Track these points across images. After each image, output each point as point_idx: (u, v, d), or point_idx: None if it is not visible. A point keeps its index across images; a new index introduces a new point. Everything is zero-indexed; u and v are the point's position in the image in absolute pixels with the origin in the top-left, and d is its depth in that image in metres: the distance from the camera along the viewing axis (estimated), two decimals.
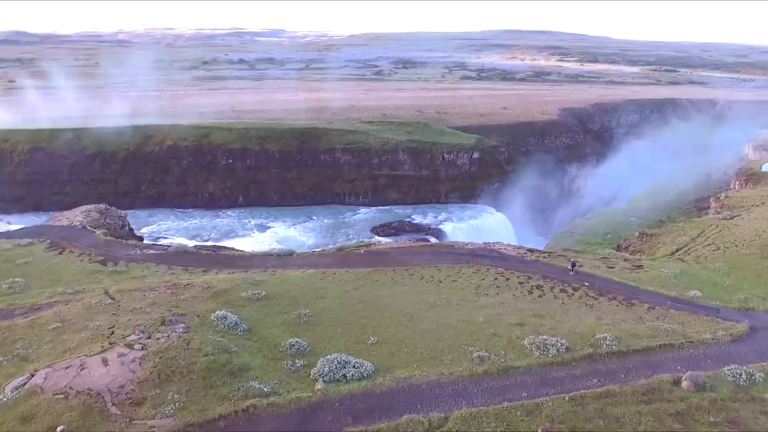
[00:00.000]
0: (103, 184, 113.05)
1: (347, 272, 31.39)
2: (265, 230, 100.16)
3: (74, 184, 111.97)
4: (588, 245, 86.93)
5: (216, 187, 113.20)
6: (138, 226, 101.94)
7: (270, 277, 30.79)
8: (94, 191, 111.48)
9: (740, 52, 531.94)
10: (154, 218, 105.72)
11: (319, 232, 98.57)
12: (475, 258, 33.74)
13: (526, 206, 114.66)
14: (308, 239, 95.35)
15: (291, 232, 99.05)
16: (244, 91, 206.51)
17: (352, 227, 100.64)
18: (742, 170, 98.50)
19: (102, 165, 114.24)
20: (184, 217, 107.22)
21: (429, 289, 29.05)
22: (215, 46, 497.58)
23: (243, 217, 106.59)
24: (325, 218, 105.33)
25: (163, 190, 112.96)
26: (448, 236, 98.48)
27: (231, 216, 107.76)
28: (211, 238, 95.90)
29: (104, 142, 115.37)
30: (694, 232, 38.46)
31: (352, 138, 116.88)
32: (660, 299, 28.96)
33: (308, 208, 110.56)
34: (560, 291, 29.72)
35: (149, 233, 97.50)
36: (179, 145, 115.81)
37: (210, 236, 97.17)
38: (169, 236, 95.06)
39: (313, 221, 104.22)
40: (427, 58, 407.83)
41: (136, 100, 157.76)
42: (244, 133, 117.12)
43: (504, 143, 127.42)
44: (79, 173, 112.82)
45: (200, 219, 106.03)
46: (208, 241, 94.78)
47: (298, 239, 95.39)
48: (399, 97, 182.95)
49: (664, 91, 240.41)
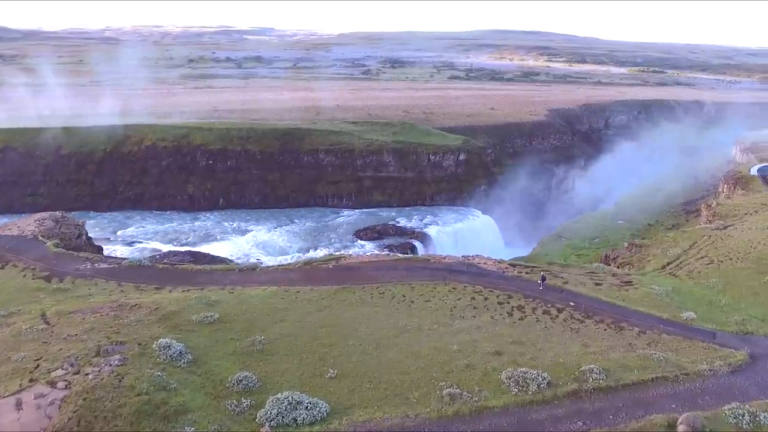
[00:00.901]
0: (79, 186, 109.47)
1: (312, 290, 28.73)
2: (245, 234, 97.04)
3: (49, 185, 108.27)
4: (575, 250, 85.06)
5: (196, 189, 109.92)
6: (114, 229, 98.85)
7: (227, 296, 28.08)
8: (70, 192, 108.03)
9: (725, 53, 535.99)
10: (132, 221, 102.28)
11: (300, 235, 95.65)
12: (452, 274, 31.21)
13: (514, 209, 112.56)
14: (289, 243, 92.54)
15: (272, 235, 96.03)
16: (230, 90, 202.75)
17: (334, 231, 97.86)
18: (731, 173, 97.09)
19: (78, 165, 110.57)
20: (162, 219, 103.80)
21: (400, 311, 26.51)
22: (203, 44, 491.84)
23: (223, 220, 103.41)
24: (307, 221, 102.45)
25: (141, 192, 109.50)
26: (433, 240, 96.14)
27: (211, 219, 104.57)
28: (188, 243, 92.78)
29: (80, 141, 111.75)
30: (685, 244, 36.17)
31: (335, 139, 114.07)
32: (651, 322, 26.61)
33: (290, 211, 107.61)
34: (543, 312, 27.25)
35: (125, 237, 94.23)
36: (158, 146, 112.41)
37: (188, 240, 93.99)
38: (145, 240, 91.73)
39: (294, 224, 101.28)
40: (416, 57, 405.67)
41: (117, 99, 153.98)
42: (224, 133, 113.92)
43: (491, 144, 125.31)
44: (53, 174, 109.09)
45: (179, 222, 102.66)
46: (186, 245, 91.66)
47: (279, 243, 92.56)
48: (386, 97, 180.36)
49: (651, 92, 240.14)
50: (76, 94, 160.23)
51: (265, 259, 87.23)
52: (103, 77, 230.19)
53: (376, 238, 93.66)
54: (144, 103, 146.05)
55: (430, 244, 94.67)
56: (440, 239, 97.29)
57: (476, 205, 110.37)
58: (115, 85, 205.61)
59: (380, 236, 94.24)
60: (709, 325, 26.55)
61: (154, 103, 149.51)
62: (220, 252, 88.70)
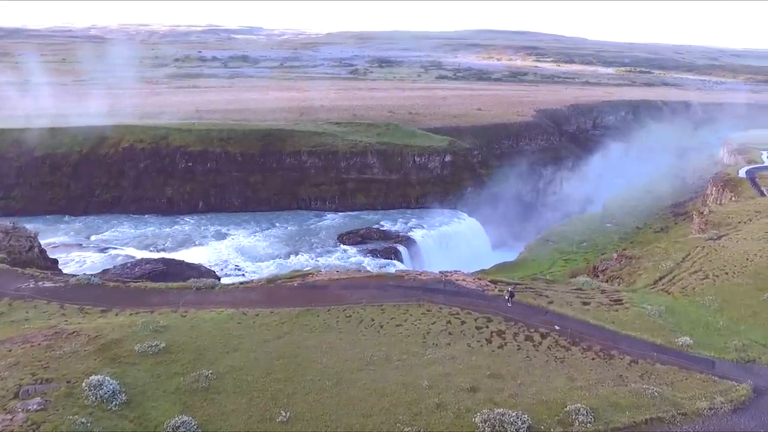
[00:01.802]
0: (54, 189, 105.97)
1: (272, 313, 26.03)
2: (224, 238, 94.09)
3: (22, 188, 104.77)
4: (563, 254, 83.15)
5: (174, 192, 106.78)
6: (89, 234, 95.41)
7: (178, 321, 25.35)
8: (44, 196, 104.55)
9: (711, 54, 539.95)
10: (108, 225, 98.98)
11: (282, 240, 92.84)
12: (427, 293, 28.55)
13: (501, 211, 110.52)
14: (270, 248, 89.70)
15: (252, 240, 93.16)
16: (214, 89, 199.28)
17: (317, 235, 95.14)
18: (719, 175, 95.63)
19: (52, 168, 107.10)
20: (139, 223, 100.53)
21: (367, 338, 23.93)
22: (190, 43, 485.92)
23: (202, 224, 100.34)
24: (289, 225, 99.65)
25: (118, 195, 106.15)
26: (417, 244, 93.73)
27: (190, 222, 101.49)
28: (165, 248, 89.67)
29: (55, 143, 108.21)
30: (678, 256, 33.88)
31: (319, 140, 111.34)
32: (644, 348, 24.18)
33: (272, 214, 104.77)
34: (525, 338, 24.74)
35: (99, 242, 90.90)
36: (136, 147, 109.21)
37: (165, 245, 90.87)
38: (119, 246, 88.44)
39: (276, 228, 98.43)
40: (404, 57, 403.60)
41: (97, 99, 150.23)
42: (205, 134, 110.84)
43: (478, 145, 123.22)
44: (27, 176, 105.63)
45: (157, 226, 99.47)
46: (162, 251, 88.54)
47: (259, 248, 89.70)
48: (372, 96, 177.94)
49: (638, 92, 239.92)
50: (55, 94, 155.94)
51: (243, 264, 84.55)
52: (86, 76, 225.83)
53: (359, 242, 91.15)
54: (125, 103, 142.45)
55: (415, 249, 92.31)
56: (425, 243, 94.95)
57: (462, 208, 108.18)
58: (98, 84, 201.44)
59: (363, 240, 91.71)
60: (707, 351, 24.21)
61: (136, 103, 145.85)
62: (197, 258, 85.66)
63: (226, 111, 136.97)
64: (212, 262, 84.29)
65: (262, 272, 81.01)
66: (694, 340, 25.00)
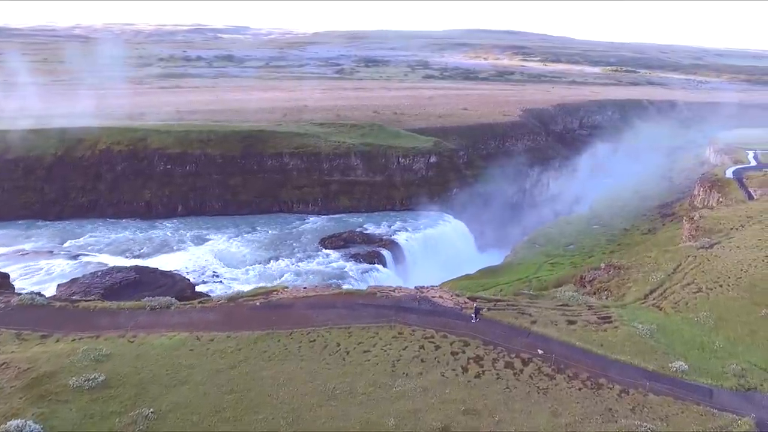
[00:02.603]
0: (27, 192, 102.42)
1: (229, 338, 23.57)
2: (203, 243, 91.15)
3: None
4: (550, 257, 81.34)
5: (153, 195, 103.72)
6: (63, 240, 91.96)
7: (124, 347, 22.84)
8: (17, 200, 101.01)
9: (695, 54, 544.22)
10: (83, 230, 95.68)
11: (262, 244, 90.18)
12: (400, 313, 26.16)
13: (487, 212, 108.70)
14: (249, 254, 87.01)
15: (231, 245, 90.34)
16: (197, 90, 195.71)
17: (298, 239, 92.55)
18: (706, 176, 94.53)
19: (26, 171, 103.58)
20: (116, 228, 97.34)
21: (330, 367, 21.60)
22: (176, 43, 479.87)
23: (181, 228, 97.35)
24: (270, 229, 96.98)
25: (94, 199, 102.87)
26: (402, 248, 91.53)
27: (168, 227, 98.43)
28: (141, 254, 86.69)
29: (29, 145, 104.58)
30: (669, 266, 31.91)
31: (301, 141, 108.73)
32: (635, 375, 22.04)
33: (253, 218, 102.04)
34: (505, 365, 22.47)
35: (72, 249, 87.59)
36: (113, 150, 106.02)
37: (141, 251, 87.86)
38: (92, 253, 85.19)
39: (256, 232, 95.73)
40: (391, 56, 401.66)
41: (76, 99, 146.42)
42: (184, 136, 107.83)
43: (463, 146, 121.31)
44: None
45: (134, 230, 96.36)
46: (138, 257, 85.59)
47: (238, 254, 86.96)
48: (357, 96, 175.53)
49: (625, 91, 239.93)
50: (33, 94, 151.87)
51: (222, 271, 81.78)
52: (67, 76, 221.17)
53: (341, 246, 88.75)
54: (104, 104, 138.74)
55: (399, 253, 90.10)
56: (410, 247, 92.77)
57: (448, 210, 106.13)
58: (78, 84, 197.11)
59: (346, 244, 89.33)
60: (704, 378, 22.13)
61: (115, 104, 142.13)
62: (175, 264, 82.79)
63: (207, 112, 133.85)
64: (189, 268, 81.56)
65: (240, 279, 78.55)
66: (689, 365, 22.96)
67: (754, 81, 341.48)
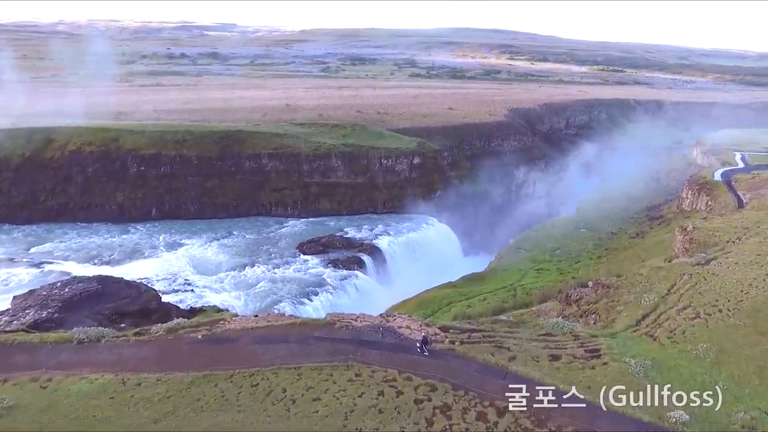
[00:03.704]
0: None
1: (160, 381, 20.33)
2: (177, 248, 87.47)
3: None
4: (535, 263, 78.89)
5: (126, 198, 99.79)
6: (29, 246, 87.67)
7: (34, 395, 19.48)
8: None
9: (680, 54, 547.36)
10: (52, 235, 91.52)
11: (238, 250, 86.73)
12: (361, 348, 22.82)
13: (472, 215, 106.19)
14: (224, 260, 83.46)
15: (206, 250, 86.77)
16: (178, 88, 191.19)
17: (276, 244, 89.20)
18: (694, 178, 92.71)
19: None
20: (87, 233, 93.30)
21: (271, 420, 18.32)
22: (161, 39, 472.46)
23: (154, 233, 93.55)
24: (247, 233, 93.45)
25: (64, 202, 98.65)
26: (383, 253, 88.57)
27: (141, 231, 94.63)
28: (111, 261, 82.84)
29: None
30: (662, 286, 29.19)
31: (280, 142, 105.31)
32: (629, 426, 19.05)
33: (230, 221, 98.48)
34: (477, 417, 19.15)
35: (36, 256, 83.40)
36: (84, 150, 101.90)
37: (111, 257, 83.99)
38: (58, 260, 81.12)
39: (233, 237, 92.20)
40: (377, 54, 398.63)
41: (51, 97, 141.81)
42: (158, 136, 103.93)
43: (448, 146, 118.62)
44: None
45: (105, 235, 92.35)
46: (107, 264, 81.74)
47: (213, 260, 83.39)
48: (341, 95, 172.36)
49: (611, 91, 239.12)
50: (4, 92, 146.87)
51: (194, 278, 78.19)
52: (46, 73, 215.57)
53: (320, 251, 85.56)
54: (80, 102, 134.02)
55: (381, 258, 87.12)
56: (392, 252, 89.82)
57: (432, 213, 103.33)
58: (56, 82, 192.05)
59: (325, 249, 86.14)
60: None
61: (92, 102, 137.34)
62: (145, 271, 79.19)
63: (185, 111, 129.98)
64: (160, 276, 77.94)
65: (213, 287, 75.13)
66: (689, 413, 20.12)
67: (738, 81, 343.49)
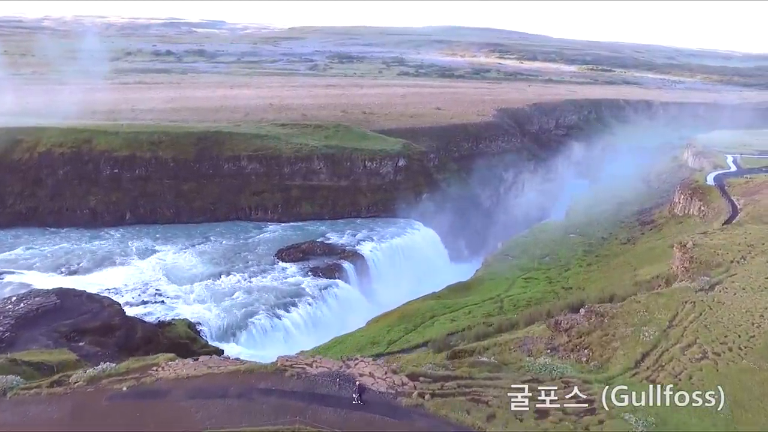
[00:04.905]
0: None
1: None
2: (150, 255, 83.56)
3: None
4: (523, 271, 75.85)
5: (98, 202, 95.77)
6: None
7: None
8: None
9: (668, 54, 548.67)
10: (19, 241, 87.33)
11: (214, 257, 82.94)
12: (313, 404, 19.15)
13: (459, 219, 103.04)
14: (199, 268, 79.65)
15: (180, 258, 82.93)
16: (160, 86, 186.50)
17: (254, 250, 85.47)
18: (687, 182, 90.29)
19: None
20: (57, 238, 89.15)
21: None
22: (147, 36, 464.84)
23: (128, 238, 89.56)
24: (225, 239, 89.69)
25: (34, 206, 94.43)
26: (366, 260, 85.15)
27: (114, 236, 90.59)
28: (79, 269, 78.69)
29: None
30: (663, 317, 25.79)
31: (260, 143, 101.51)
32: None
33: (208, 226, 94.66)
34: None
35: (1, 263, 79.16)
36: (54, 152, 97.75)
37: (80, 265, 79.89)
38: (20, 269, 76.72)
39: (210, 243, 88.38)
40: (366, 53, 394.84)
41: (24, 95, 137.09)
42: (133, 137, 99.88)
43: (434, 148, 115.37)
44: None
45: (76, 241, 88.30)
46: (75, 273, 77.58)
47: (187, 268, 79.56)
48: (327, 94, 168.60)
49: (601, 90, 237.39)
50: None
51: (167, 288, 74.20)
52: (25, 70, 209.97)
53: (300, 258, 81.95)
54: (57, 100, 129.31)
55: (363, 265, 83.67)
56: (375, 258, 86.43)
57: (417, 217, 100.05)
58: (34, 79, 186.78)
59: (305, 256, 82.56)
60: None
61: (69, 101, 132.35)
62: (114, 281, 75.22)
63: (164, 111, 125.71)
64: (130, 286, 74.09)
65: (185, 298, 71.27)
66: None
67: (726, 81, 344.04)
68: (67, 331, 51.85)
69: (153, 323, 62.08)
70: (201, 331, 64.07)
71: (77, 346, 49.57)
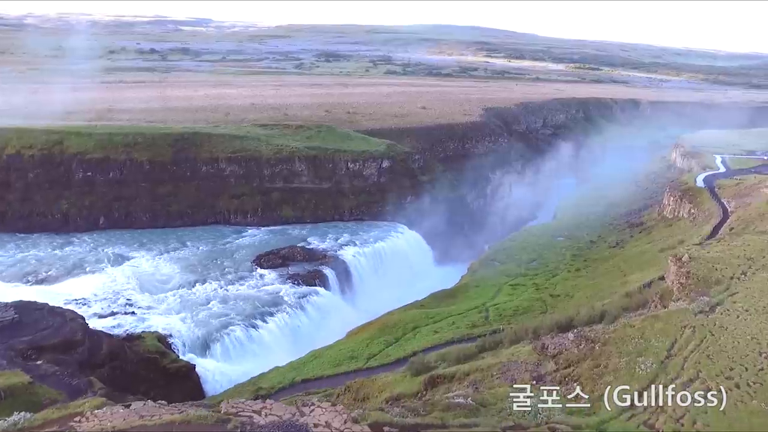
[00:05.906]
0: None
1: None
2: (123, 262, 79.91)
3: None
4: (510, 278, 73.37)
5: (71, 206, 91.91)
6: None
7: None
8: None
9: (654, 52, 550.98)
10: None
11: (190, 263, 79.55)
12: None
13: (445, 221, 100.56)
14: (174, 275, 76.25)
15: (154, 264, 79.44)
16: (141, 85, 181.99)
17: (231, 256, 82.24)
18: (676, 183, 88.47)
19: None
20: (25, 245, 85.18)
21: None
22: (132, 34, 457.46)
23: (101, 244, 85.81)
24: (201, 244, 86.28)
25: (2, 210, 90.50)
26: (348, 265, 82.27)
27: (87, 242, 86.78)
28: (47, 278, 74.90)
29: None
30: (660, 345, 23.04)
31: (240, 145, 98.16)
32: None
33: (185, 231, 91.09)
34: None
35: None
36: (23, 155, 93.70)
37: (48, 274, 76.10)
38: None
39: (186, 248, 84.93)
40: (353, 51, 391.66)
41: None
42: (106, 139, 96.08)
43: (420, 149, 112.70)
44: None
45: (46, 247, 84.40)
46: (43, 282, 73.78)
47: (161, 276, 76.12)
48: (311, 94, 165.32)
49: (588, 89, 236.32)
50: None
51: (138, 298, 70.66)
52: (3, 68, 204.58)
53: (279, 265, 78.83)
54: (30, 101, 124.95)
55: (345, 271, 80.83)
56: (357, 264, 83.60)
57: (402, 220, 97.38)
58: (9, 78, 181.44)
59: (285, 262, 79.47)
60: None
61: (44, 100, 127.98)
62: (84, 290, 71.49)
63: (141, 111, 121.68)
64: (99, 295, 70.47)
65: (157, 308, 67.93)
66: None
67: (712, 80, 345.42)
68: (24, 349, 48.22)
69: (120, 337, 58.76)
70: (173, 344, 60.91)
71: (34, 365, 45.95)
